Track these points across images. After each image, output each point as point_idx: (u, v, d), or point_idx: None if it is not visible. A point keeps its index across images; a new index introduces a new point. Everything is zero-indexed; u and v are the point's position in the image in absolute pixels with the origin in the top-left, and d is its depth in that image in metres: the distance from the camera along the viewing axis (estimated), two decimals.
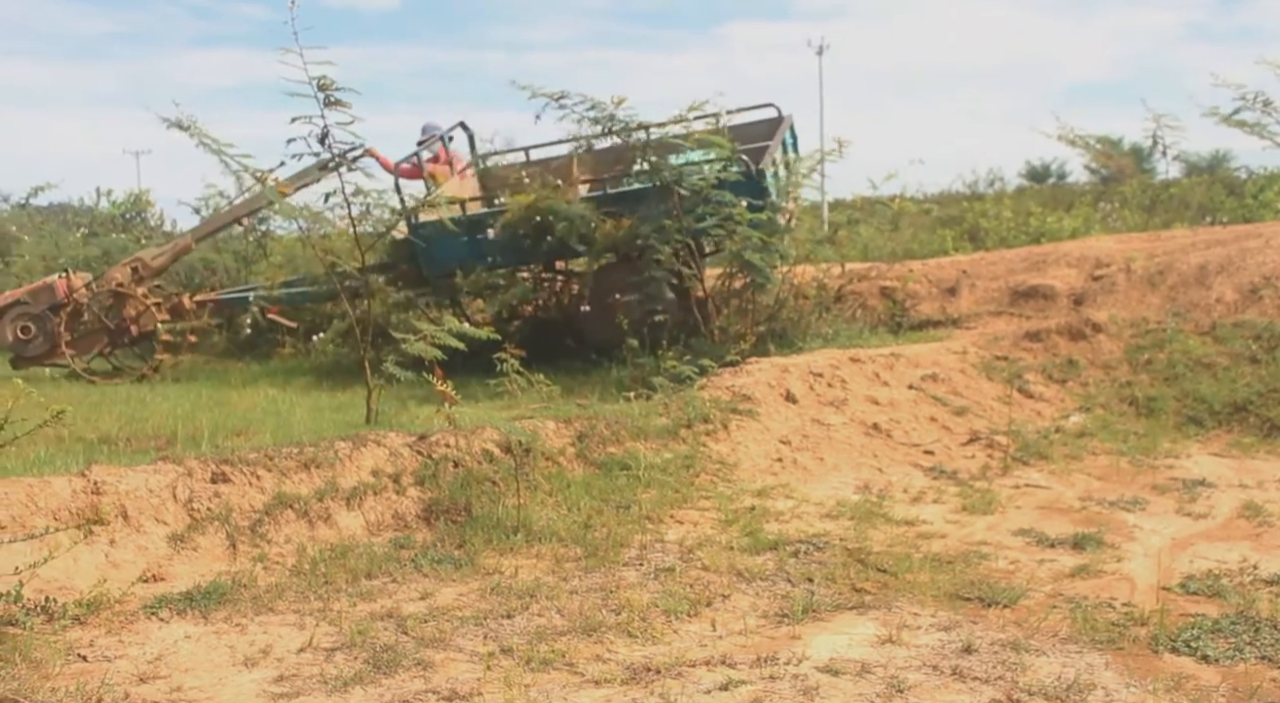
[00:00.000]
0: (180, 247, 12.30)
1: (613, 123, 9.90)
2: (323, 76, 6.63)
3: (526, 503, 5.75)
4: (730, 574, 4.97)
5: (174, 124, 7.27)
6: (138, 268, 11.88)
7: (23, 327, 11.42)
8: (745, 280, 10.04)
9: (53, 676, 3.71)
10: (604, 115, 9.84)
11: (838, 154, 10.40)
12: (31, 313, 11.47)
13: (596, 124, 9.95)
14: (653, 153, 10.00)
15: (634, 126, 9.93)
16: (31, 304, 11.51)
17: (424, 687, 3.69)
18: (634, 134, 9.94)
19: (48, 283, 11.78)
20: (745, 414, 7.46)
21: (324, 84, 6.64)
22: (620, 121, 9.87)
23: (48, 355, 11.49)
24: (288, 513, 5.35)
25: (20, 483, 4.80)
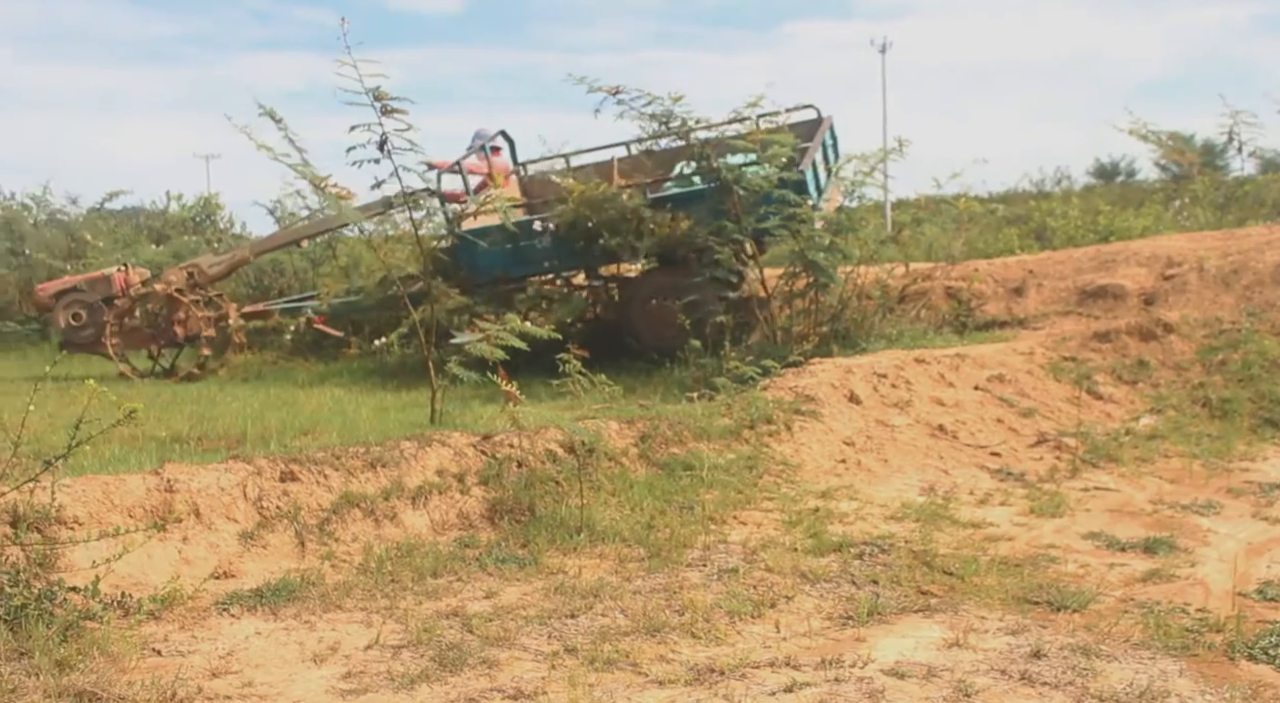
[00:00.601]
0: (238, 258, 12.52)
1: (669, 119, 9.87)
2: (377, 87, 6.73)
3: (590, 503, 5.77)
4: (794, 576, 4.94)
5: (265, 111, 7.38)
6: (194, 273, 12.12)
7: (74, 313, 11.69)
8: (809, 280, 9.98)
9: (129, 670, 3.79)
10: (661, 111, 9.82)
11: (898, 153, 10.30)
12: (85, 301, 11.73)
13: (653, 120, 9.93)
14: (711, 152, 9.97)
15: (691, 124, 9.90)
16: (87, 293, 11.78)
17: (489, 685, 3.72)
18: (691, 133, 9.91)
19: (105, 274, 12.05)
20: (808, 415, 7.42)
21: (379, 94, 6.74)
22: (677, 118, 9.85)
23: (95, 344, 11.72)
24: (355, 512, 5.41)
25: (96, 480, 4.91)
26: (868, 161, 10.27)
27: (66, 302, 11.75)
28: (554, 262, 11.05)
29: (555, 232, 10.63)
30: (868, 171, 10.22)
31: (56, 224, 18.60)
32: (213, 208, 20.47)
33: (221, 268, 12.35)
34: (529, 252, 10.96)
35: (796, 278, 10.09)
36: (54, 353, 11.82)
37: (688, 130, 9.90)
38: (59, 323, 11.74)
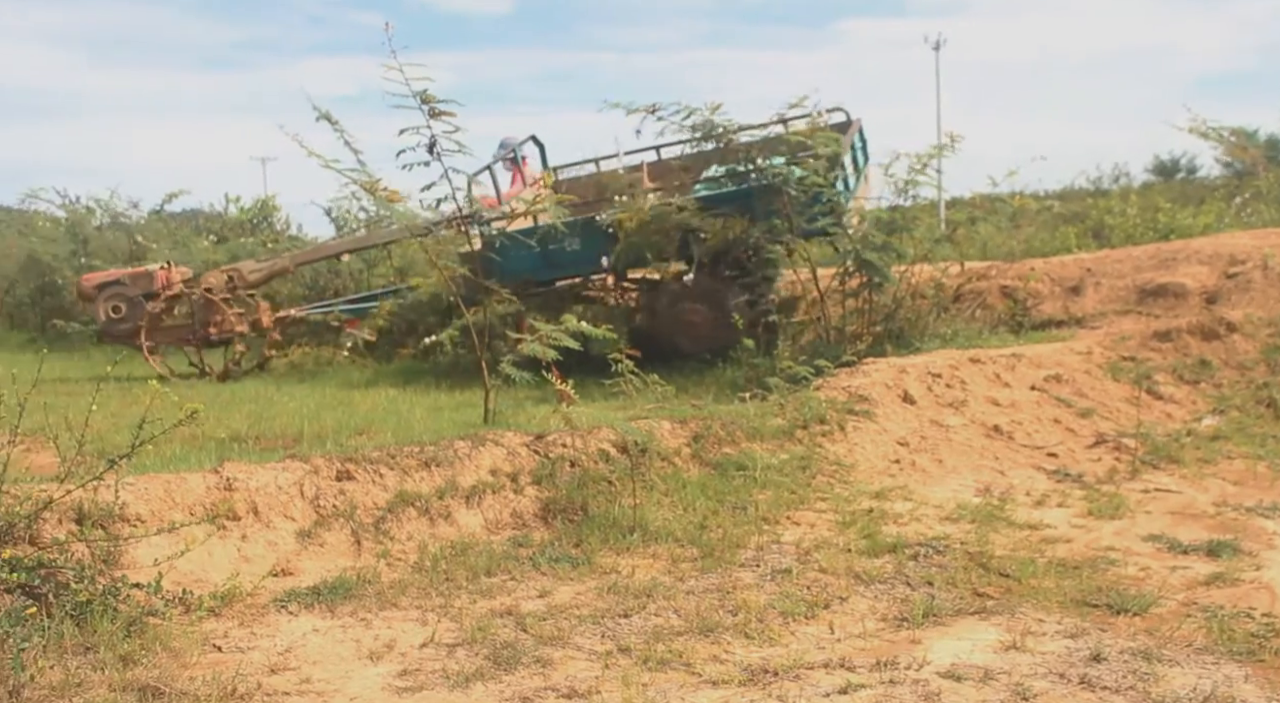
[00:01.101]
0: (278, 267, 12.71)
1: (710, 129, 9.87)
2: (424, 90, 6.77)
3: (642, 503, 5.77)
4: (848, 577, 4.91)
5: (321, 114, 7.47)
6: (233, 277, 12.31)
7: (114, 306, 11.90)
8: (862, 280, 9.92)
9: (190, 665, 3.85)
10: (701, 122, 9.82)
11: (950, 148, 10.20)
12: (126, 295, 11.94)
13: (695, 131, 9.93)
14: (756, 154, 9.93)
15: (731, 130, 9.88)
16: (129, 287, 11.99)
17: (543, 684, 3.73)
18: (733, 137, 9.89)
19: (148, 270, 12.26)
20: (862, 415, 7.37)
21: (426, 98, 6.78)
22: (717, 127, 9.84)
23: (131, 337, 11.90)
24: (409, 511, 5.46)
25: (158, 479, 4.99)
26: (921, 160, 10.18)
27: (108, 294, 11.98)
28: (582, 266, 11.13)
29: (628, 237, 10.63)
30: (920, 169, 10.13)
31: (119, 227, 18.92)
32: (270, 210, 20.72)
33: (261, 275, 12.55)
34: (557, 255, 11.04)
35: (850, 277, 10.03)
36: (115, 353, 12.06)
37: (729, 136, 9.88)
38: (99, 314, 11.98)
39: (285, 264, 12.73)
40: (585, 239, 10.87)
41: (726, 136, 9.92)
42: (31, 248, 18.84)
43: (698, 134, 9.98)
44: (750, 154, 9.98)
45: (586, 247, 10.93)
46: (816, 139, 9.81)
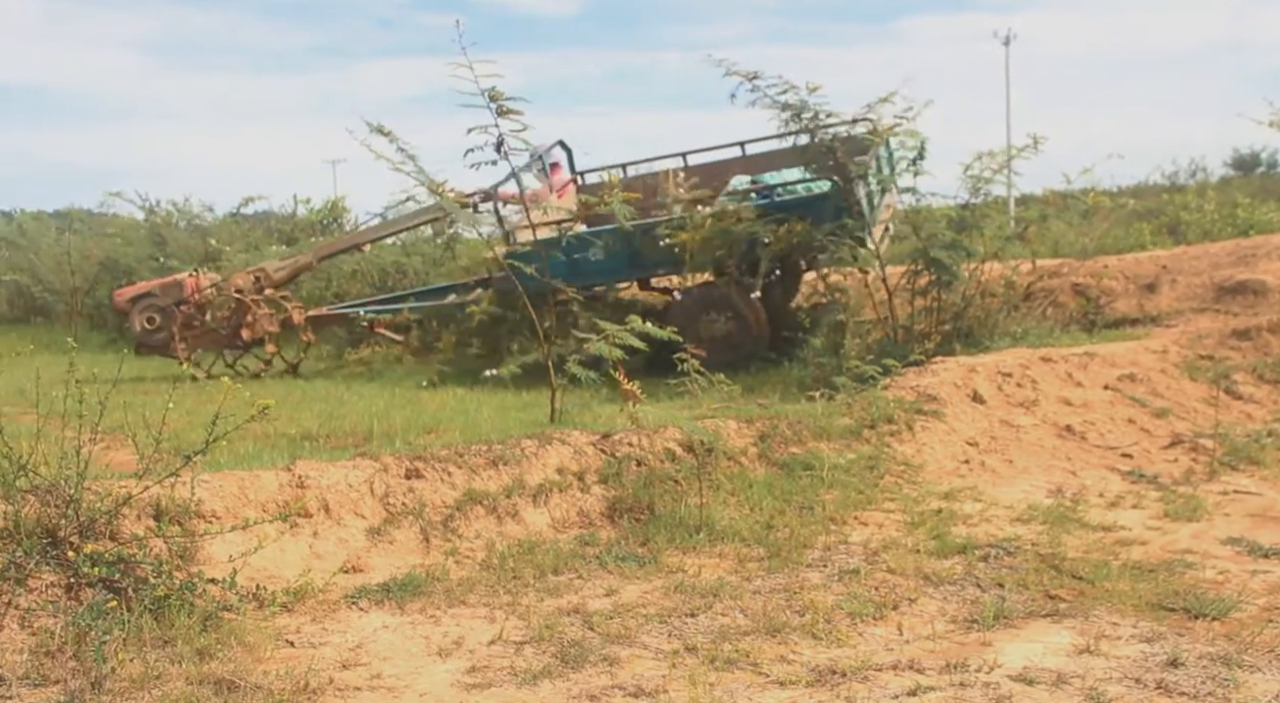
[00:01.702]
0: (301, 263, 12.86)
1: (802, 110, 9.73)
2: (492, 88, 6.79)
3: (709, 502, 5.76)
4: (917, 578, 4.86)
5: (374, 127, 7.58)
6: (260, 277, 12.49)
7: (149, 317, 12.11)
8: (931, 278, 9.81)
9: (264, 659, 3.91)
10: (796, 101, 9.69)
11: (1033, 150, 10.01)
12: (159, 306, 12.15)
13: (785, 110, 9.79)
14: (839, 147, 9.84)
15: (824, 115, 9.74)
16: (160, 297, 12.20)
17: (610, 682, 3.74)
18: (823, 123, 9.75)
19: (178, 279, 12.48)
20: (931, 415, 7.29)
21: (494, 95, 6.80)
22: (810, 109, 9.70)
23: (168, 346, 12.10)
24: (477, 509, 5.50)
25: (232, 476, 5.09)
26: (997, 157, 10.03)
27: (142, 306, 12.20)
28: (606, 273, 11.19)
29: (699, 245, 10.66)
30: (998, 170, 9.98)
31: (195, 230, 19.31)
32: (339, 211, 20.99)
33: (285, 272, 12.71)
34: (583, 263, 11.10)
35: (919, 276, 9.92)
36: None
37: (817, 123, 9.75)
38: (135, 326, 12.18)
39: (308, 260, 12.90)
40: (609, 248, 11.00)
41: (816, 122, 9.76)
42: (111, 250, 19.32)
43: (787, 113, 9.81)
44: (833, 146, 9.85)
45: (611, 255, 11.06)
46: (909, 133, 9.69)
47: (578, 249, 11.05)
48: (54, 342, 12.15)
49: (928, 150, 9.74)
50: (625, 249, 10.98)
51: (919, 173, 9.72)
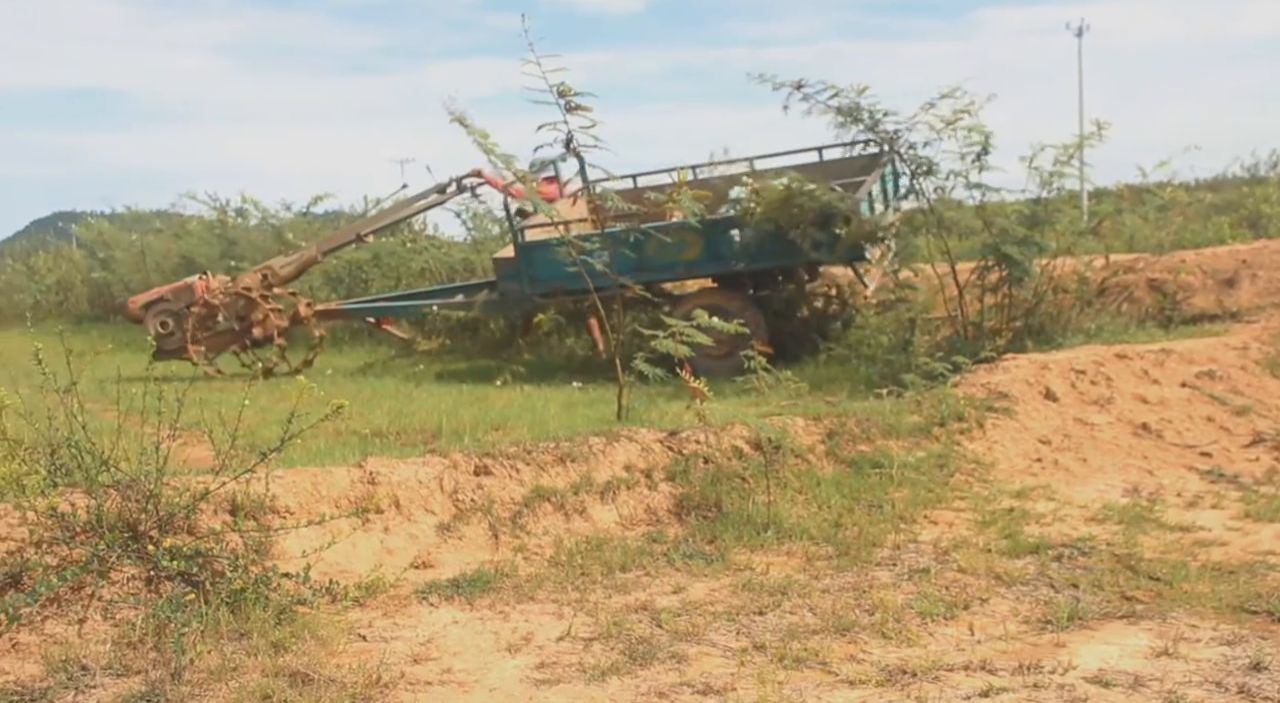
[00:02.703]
0: (306, 258, 13.00)
1: (855, 112, 9.68)
2: (561, 83, 6.82)
3: (776, 500, 5.74)
4: (988, 577, 4.80)
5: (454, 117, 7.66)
6: (267, 275, 12.65)
7: (162, 321, 12.30)
8: (1002, 274, 9.67)
9: (337, 653, 3.97)
10: (847, 104, 9.63)
11: (1096, 137, 9.84)
12: (171, 310, 12.33)
13: (839, 114, 9.74)
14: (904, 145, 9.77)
15: (878, 116, 9.68)
16: (173, 302, 12.38)
17: (679, 680, 3.74)
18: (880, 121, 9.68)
19: (188, 283, 12.67)
20: (1002, 413, 7.20)
21: (563, 91, 6.82)
22: (864, 111, 9.65)
23: (184, 350, 12.26)
24: (545, 506, 5.53)
25: (306, 472, 5.17)
26: (1068, 150, 9.87)
27: (155, 311, 12.38)
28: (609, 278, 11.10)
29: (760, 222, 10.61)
30: (1066, 161, 9.81)
31: (267, 228, 19.61)
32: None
33: (292, 268, 12.87)
34: (588, 266, 11.02)
35: (990, 271, 9.79)
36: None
37: (874, 121, 9.68)
38: (151, 331, 12.34)
39: (313, 254, 13.06)
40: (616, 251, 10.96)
41: (873, 121, 9.69)
42: (184, 249, 19.71)
43: (841, 118, 9.76)
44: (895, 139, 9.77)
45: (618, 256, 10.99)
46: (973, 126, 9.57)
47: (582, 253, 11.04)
48: (133, 340, 12.37)
49: (993, 145, 9.61)
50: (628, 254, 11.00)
51: (984, 168, 9.58)
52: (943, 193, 9.79)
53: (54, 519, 4.21)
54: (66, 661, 3.83)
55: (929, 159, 9.75)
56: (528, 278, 11.35)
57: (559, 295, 11.37)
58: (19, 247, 28.33)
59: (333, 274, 16.10)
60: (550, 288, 11.29)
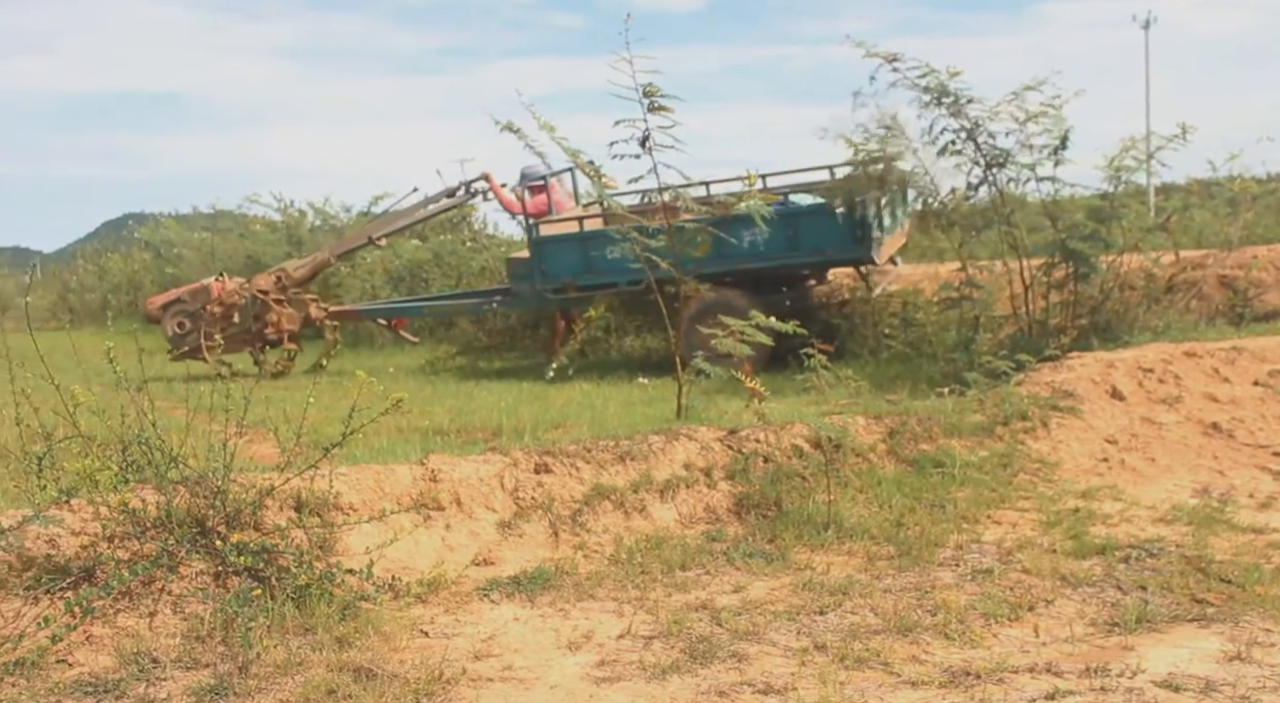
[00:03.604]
0: (319, 261, 13.12)
1: (943, 94, 9.50)
2: (649, 83, 6.81)
3: (837, 499, 5.70)
4: (1053, 578, 4.73)
5: (503, 125, 7.70)
6: (281, 277, 12.77)
7: (179, 322, 12.45)
8: (1068, 270, 9.52)
9: (400, 649, 4.01)
10: (935, 84, 9.47)
11: (1181, 140, 9.60)
12: (189, 310, 12.47)
13: (926, 93, 9.57)
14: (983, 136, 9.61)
15: (964, 100, 9.50)
16: (189, 302, 12.53)
17: (739, 679, 3.73)
18: (965, 106, 9.51)
19: (205, 284, 12.82)
20: (1067, 412, 7.09)
21: (649, 91, 6.81)
22: (950, 94, 9.47)
23: (199, 351, 12.39)
24: (605, 504, 5.54)
25: (369, 469, 5.22)
26: (1140, 146, 9.67)
27: (172, 312, 12.54)
28: (620, 273, 11.11)
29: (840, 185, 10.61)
30: (1143, 159, 9.62)
31: (330, 229, 19.85)
32: (467, 210, 21.34)
33: (305, 270, 13.00)
34: (599, 262, 11.18)
35: (1055, 268, 9.64)
36: (330, 349, 12.67)
37: (959, 106, 9.51)
38: (167, 332, 12.51)
39: (326, 256, 13.19)
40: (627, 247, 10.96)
41: (956, 106, 9.52)
42: (250, 250, 20.02)
43: (926, 97, 9.58)
44: (976, 129, 9.62)
45: (627, 254, 11.01)
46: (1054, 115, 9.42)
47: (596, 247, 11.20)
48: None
49: (1070, 140, 9.45)
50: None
51: (1060, 162, 9.43)
52: (1015, 185, 9.64)
53: (125, 515, 4.30)
54: (138, 653, 3.91)
55: (1007, 151, 9.60)
56: (539, 273, 11.51)
57: (569, 291, 11.46)
58: (90, 247, 28.95)
59: (395, 274, 16.24)
60: (560, 284, 11.43)
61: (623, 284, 11.25)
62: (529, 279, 11.67)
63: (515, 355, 13.54)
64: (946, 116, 9.57)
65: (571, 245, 11.35)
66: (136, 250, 24.22)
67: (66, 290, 24.29)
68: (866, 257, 10.58)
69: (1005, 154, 9.52)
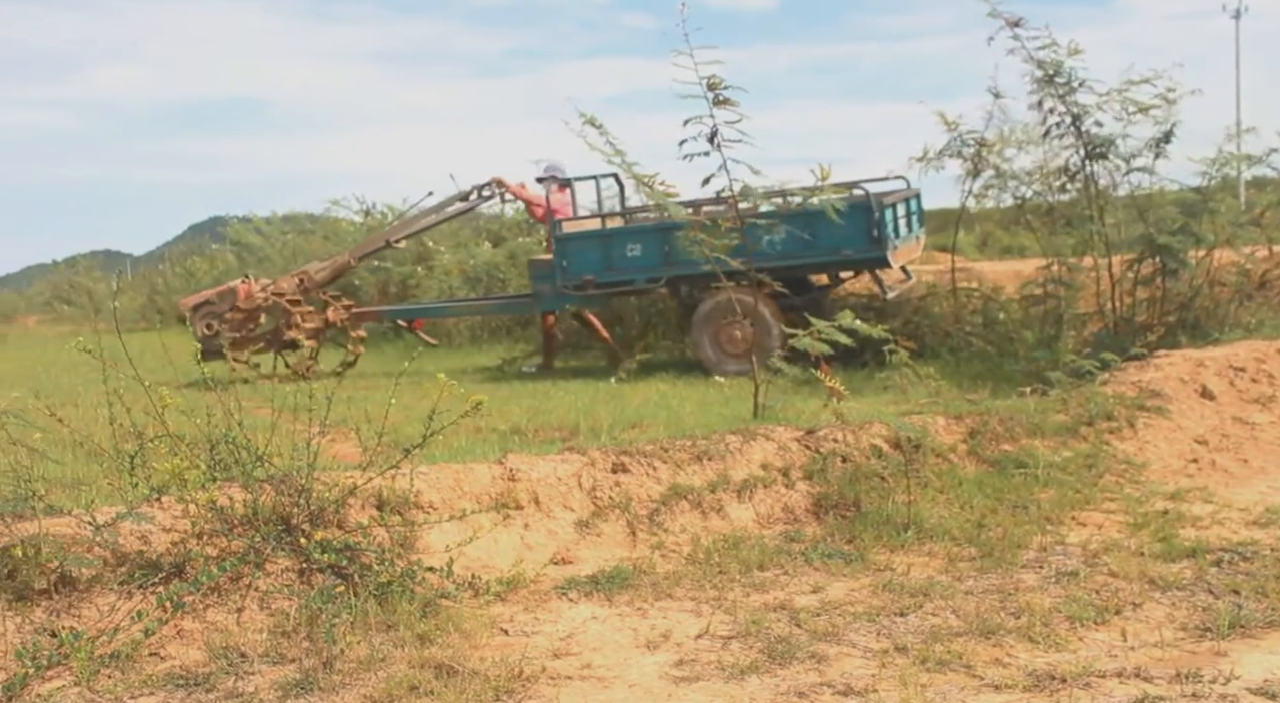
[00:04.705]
0: (339, 264, 13.21)
1: (1057, 72, 9.28)
2: (712, 76, 6.77)
3: (917, 500, 5.64)
4: (1141, 581, 4.63)
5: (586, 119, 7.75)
6: (303, 280, 12.89)
7: (207, 324, 12.62)
8: (1155, 267, 9.30)
9: (480, 646, 4.05)
10: (1052, 59, 9.27)
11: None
12: (217, 312, 12.64)
13: (1041, 67, 9.37)
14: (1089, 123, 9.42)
15: (1076, 82, 9.29)
16: (218, 305, 12.70)
17: (818, 680, 3.70)
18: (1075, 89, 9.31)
19: (231, 287, 12.99)
20: (1154, 411, 6.93)
21: (713, 84, 6.77)
22: (1064, 74, 9.25)
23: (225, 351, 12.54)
24: (682, 503, 5.54)
25: (448, 469, 5.28)
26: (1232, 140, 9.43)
27: (201, 314, 12.73)
28: (639, 271, 11.31)
29: None
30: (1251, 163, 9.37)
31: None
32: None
33: (326, 274, 13.12)
34: (619, 260, 11.32)
35: (1142, 264, 9.42)
36: (410, 349, 12.83)
37: (1070, 88, 9.31)
38: (196, 333, 12.68)
39: (346, 260, 13.30)
40: (647, 244, 11.21)
41: (1068, 88, 9.32)
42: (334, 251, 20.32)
43: (1040, 72, 9.37)
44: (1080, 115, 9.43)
45: (647, 252, 11.23)
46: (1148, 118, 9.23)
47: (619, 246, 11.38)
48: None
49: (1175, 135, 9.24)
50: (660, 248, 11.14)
51: (1160, 156, 9.21)
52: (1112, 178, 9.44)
53: (213, 512, 4.40)
54: (226, 648, 4.00)
55: (1111, 140, 9.40)
56: (561, 270, 11.65)
57: (588, 289, 11.54)
58: (177, 251, 29.66)
59: (471, 275, 16.40)
60: (581, 281, 11.53)
61: (640, 282, 11.45)
62: (550, 280, 11.86)
63: (592, 354, 13.58)
64: (1054, 98, 9.38)
65: (593, 243, 11.56)
66: (221, 253, 24.75)
67: (154, 293, 24.90)
68: (882, 258, 10.50)
69: (1109, 144, 9.31)
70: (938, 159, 10.51)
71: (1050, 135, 9.69)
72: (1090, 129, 9.37)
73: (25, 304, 33.39)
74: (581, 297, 11.70)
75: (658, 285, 11.46)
